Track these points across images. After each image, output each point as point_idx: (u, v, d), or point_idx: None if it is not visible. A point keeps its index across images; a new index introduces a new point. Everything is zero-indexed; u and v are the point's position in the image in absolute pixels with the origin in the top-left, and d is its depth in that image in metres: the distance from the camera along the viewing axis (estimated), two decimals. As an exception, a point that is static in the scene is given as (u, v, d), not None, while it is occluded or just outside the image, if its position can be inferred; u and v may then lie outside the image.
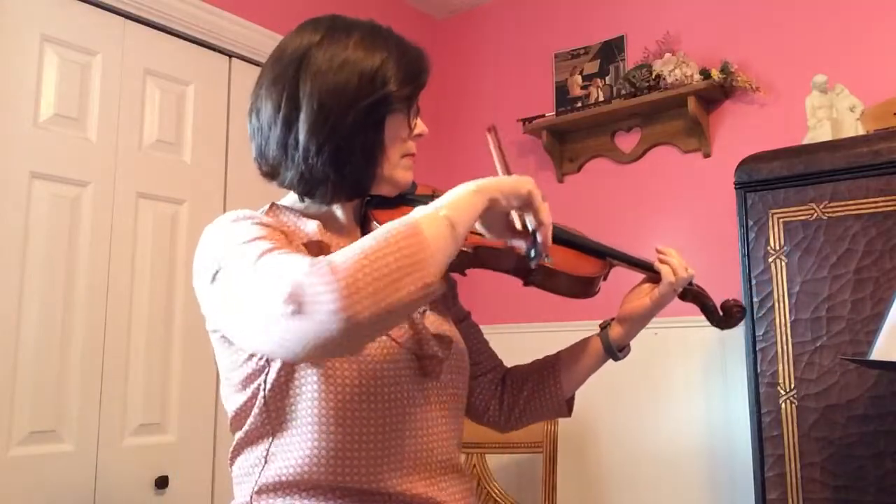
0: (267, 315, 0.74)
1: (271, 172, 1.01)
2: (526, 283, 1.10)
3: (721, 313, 1.21)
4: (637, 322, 1.16)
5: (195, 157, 2.31)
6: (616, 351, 1.17)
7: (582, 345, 1.20)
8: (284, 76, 0.97)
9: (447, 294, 1.19)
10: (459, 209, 0.84)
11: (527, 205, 0.92)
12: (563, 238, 1.15)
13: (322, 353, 0.75)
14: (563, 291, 1.11)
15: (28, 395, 1.86)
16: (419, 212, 0.82)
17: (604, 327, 1.19)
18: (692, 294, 1.20)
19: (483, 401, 1.22)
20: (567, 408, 1.21)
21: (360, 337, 0.74)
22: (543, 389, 1.19)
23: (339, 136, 0.95)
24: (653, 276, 1.16)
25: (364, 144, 0.97)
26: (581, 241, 1.16)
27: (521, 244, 0.98)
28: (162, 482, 2.08)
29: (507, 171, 1.03)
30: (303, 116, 0.95)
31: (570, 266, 1.10)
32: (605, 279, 1.16)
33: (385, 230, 0.78)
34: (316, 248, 0.96)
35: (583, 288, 1.11)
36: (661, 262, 1.15)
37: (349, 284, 0.71)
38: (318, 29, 0.99)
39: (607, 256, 1.16)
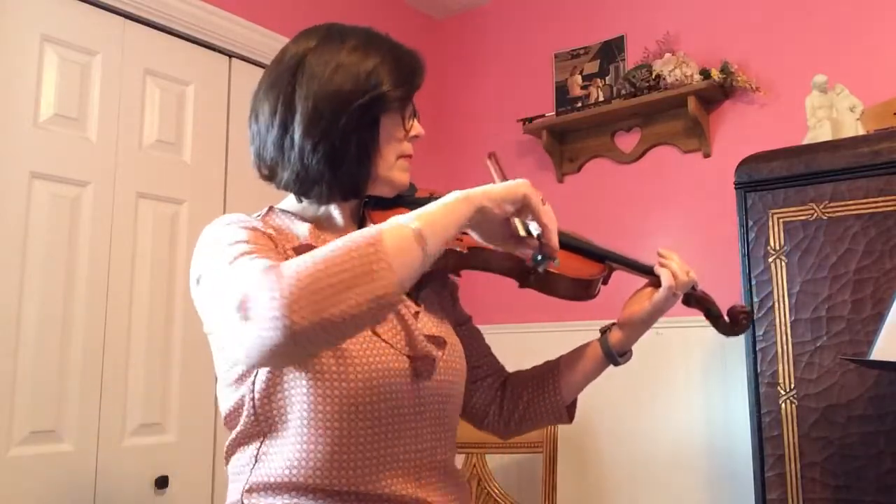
0: (228, 320, 0.76)
1: (269, 174, 1.02)
2: (522, 286, 1.09)
3: (727, 319, 1.18)
4: (637, 327, 1.14)
5: (195, 157, 2.31)
6: (616, 356, 1.15)
7: (582, 350, 1.18)
8: (281, 80, 0.99)
9: (446, 297, 1.18)
10: (435, 220, 0.82)
11: (524, 209, 0.90)
12: (561, 241, 1.13)
13: (271, 360, 0.75)
14: (560, 294, 1.09)
15: (28, 395, 1.86)
16: (391, 221, 0.80)
17: (604, 332, 1.17)
18: (695, 299, 1.18)
19: (482, 405, 1.20)
20: (567, 414, 1.19)
21: (303, 345, 0.73)
22: (542, 395, 1.18)
23: (333, 136, 0.96)
24: (654, 279, 1.14)
25: (359, 144, 0.97)
26: (579, 243, 1.15)
27: (526, 252, 0.95)
28: (162, 482, 2.08)
29: None
30: (298, 118, 0.97)
31: (567, 269, 1.08)
32: (605, 283, 1.14)
33: (345, 239, 0.77)
34: (306, 251, 0.96)
35: (581, 291, 1.09)
36: (661, 265, 1.13)
37: (291, 293, 0.71)
38: (314, 36, 1.02)
39: (606, 260, 1.15)
